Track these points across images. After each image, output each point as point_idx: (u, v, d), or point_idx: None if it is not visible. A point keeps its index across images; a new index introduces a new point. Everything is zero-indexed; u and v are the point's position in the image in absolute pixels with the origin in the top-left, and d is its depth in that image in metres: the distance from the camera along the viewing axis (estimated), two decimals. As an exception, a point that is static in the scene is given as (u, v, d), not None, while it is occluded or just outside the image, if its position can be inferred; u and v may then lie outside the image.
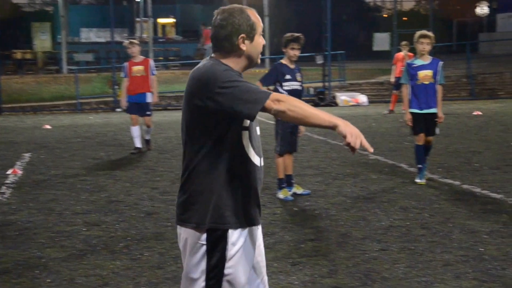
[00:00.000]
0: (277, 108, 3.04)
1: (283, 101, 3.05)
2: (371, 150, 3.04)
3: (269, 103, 3.04)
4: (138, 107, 12.40)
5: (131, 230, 7.07)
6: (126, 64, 12.52)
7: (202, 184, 3.18)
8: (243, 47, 3.20)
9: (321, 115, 3.05)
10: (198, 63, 3.35)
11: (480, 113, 18.91)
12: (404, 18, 45.32)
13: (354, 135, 2.99)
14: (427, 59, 9.10)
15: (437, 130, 9.30)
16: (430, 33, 8.98)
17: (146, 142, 12.90)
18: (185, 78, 22.25)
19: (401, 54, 19.86)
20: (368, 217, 7.44)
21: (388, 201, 8.21)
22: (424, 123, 9.13)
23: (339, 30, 35.55)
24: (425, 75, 9.04)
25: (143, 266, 5.86)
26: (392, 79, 20.28)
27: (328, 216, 7.54)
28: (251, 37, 3.21)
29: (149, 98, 12.41)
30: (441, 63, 9.16)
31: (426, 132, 9.20)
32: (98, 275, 5.63)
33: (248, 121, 3.18)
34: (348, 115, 19.65)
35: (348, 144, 2.97)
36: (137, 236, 6.86)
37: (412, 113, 9.14)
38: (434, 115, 9.10)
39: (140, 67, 12.31)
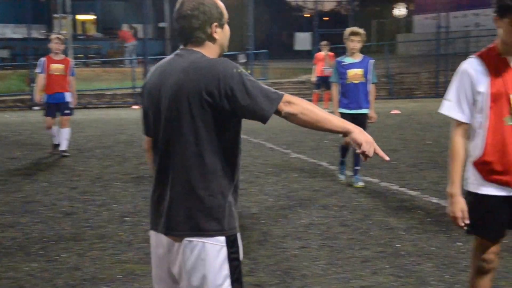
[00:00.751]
0: (288, 110, 2.90)
1: (295, 103, 2.91)
2: (387, 158, 2.98)
3: (281, 104, 2.90)
4: (57, 107, 11.98)
5: (48, 231, 6.89)
6: (43, 59, 12.04)
7: (213, 187, 2.97)
8: (216, 35, 3.05)
9: (334, 119, 2.94)
10: (113, 61, 3.23)
11: (398, 112, 19.38)
12: (325, 18, 45.99)
13: (369, 143, 2.92)
14: (358, 57, 8.80)
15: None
16: (361, 30, 8.67)
17: (54, 146, 12.10)
18: (106, 76, 21.75)
19: (321, 54, 20.20)
20: (289, 215, 7.50)
21: (309, 199, 8.29)
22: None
23: (261, 29, 35.73)
24: (355, 73, 8.72)
25: (60, 267, 5.72)
26: (313, 79, 20.58)
27: (250, 214, 7.56)
28: (221, 25, 3.07)
29: (68, 98, 12.05)
30: (372, 61, 8.86)
31: None
32: (12, 278, 5.46)
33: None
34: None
35: (363, 152, 2.91)
36: (54, 237, 6.69)
37: (340, 113, 8.68)
38: (364, 115, 8.77)
39: (60, 66, 11.90)
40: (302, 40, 28.64)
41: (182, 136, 2.96)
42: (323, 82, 20.04)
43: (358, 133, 2.92)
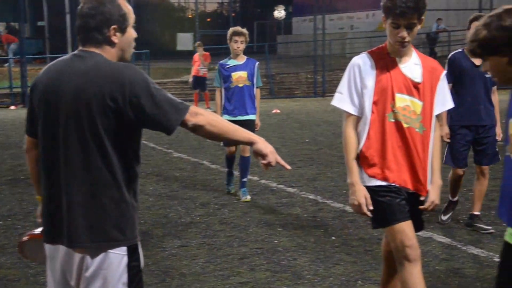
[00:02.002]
0: (196, 122, 2.85)
1: (202, 114, 2.87)
2: (288, 167, 3.04)
3: (188, 116, 2.84)
4: None
5: None
6: None
7: (115, 196, 2.88)
8: (115, 39, 2.93)
9: (239, 130, 2.95)
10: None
11: (278, 111, 19.75)
12: (208, 19, 46.12)
13: (273, 153, 2.96)
14: (242, 59, 8.16)
15: None
16: (244, 30, 8.11)
17: None
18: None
19: (197, 55, 20.33)
20: (169, 215, 7.50)
21: (190, 198, 8.33)
22: None
23: (143, 29, 35.36)
24: (239, 76, 8.09)
25: None
26: (190, 79, 20.80)
27: (129, 215, 7.49)
28: (123, 29, 2.95)
29: None
30: (257, 63, 8.27)
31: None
32: None
33: None
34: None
35: (268, 163, 2.95)
36: None
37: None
38: (251, 121, 8.08)
39: None
40: (184, 41, 28.62)
41: (82, 143, 2.84)
42: (199, 83, 20.30)
43: (262, 144, 2.95)
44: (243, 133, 2.96)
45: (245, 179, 8.23)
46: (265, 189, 8.76)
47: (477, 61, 6.27)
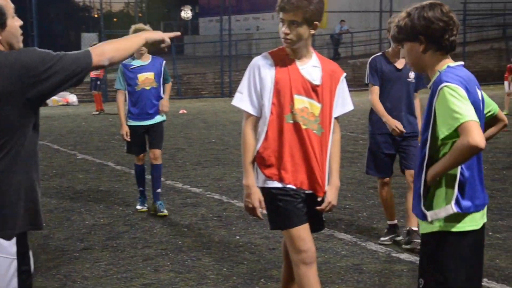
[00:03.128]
0: (105, 58, 3.03)
1: (103, 50, 3.05)
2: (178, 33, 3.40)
3: (95, 60, 3.00)
4: None
5: None
6: None
7: (11, 186, 2.91)
8: None
9: (133, 38, 3.21)
10: None
11: (185, 111, 19.71)
12: (114, 19, 45.41)
13: (164, 34, 3.25)
14: (147, 59, 7.46)
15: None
16: (147, 27, 7.12)
17: None
18: None
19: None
20: (72, 217, 7.37)
21: (94, 200, 8.20)
22: (147, 137, 7.53)
23: (47, 29, 34.46)
24: (146, 78, 7.39)
25: None
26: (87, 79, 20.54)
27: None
28: (1, 24, 2.90)
29: None
30: (163, 62, 7.58)
31: (150, 146, 7.55)
32: None
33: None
34: (58, 115, 19.19)
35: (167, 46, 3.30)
36: None
37: (130, 126, 7.41)
38: (159, 124, 7.53)
39: None
40: (89, 41, 28.06)
41: None
42: (95, 83, 20.14)
43: (151, 32, 3.27)
44: (137, 39, 3.20)
45: (159, 190, 7.53)
46: (171, 190, 8.73)
47: (399, 64, 6.03)
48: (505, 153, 11.24)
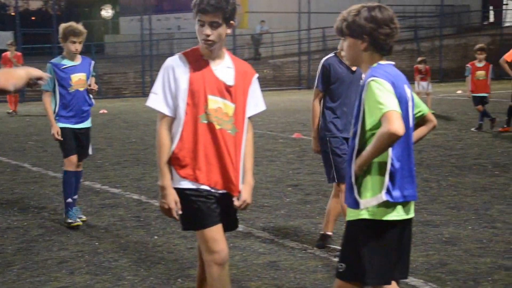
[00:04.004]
0: None
1: None
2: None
3: None
4: None
5: None
6: None
7: None
8: None
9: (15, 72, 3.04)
10: None
11: (106, 111, 19.43)
12: (32, 18, 44.31)
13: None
14: (78, 59, 6.98)
15: (91, 150, 7.29)
16: (82, 29, 6.86)
17: None
18: None
19: (7, 54, 19.41)
20: (-16, 221, 7.16)
21: (8, 203, 7.99)
22: (77, 141, 7.00)
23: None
24: (79, 79, 6.91)
25: None
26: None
27: None
28: None
29: None
30: (93, 62, 7.22)
31: (77, 153, 7.02)
32: None
33: None
34: (-32, 116, 18.60)
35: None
36: None
37: (63, 128, 6.85)
38: (89, 130, 7.13)
39: None
40: (4, 39, 27.32)
41: None
42: None
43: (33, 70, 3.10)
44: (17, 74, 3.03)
45: (76, 197, 7.11)
46: (89, 191, 8.59)
47: (353, 67, 5.54)
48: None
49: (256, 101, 4.04)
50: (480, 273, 5.31)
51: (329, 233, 6.01)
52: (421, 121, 3.63)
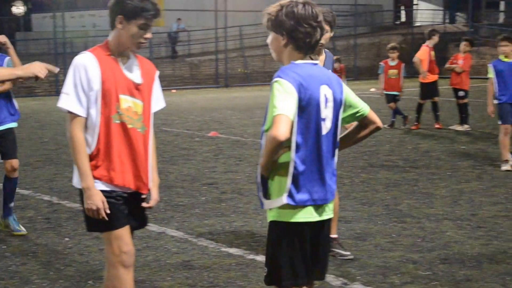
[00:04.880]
0: None
1: None
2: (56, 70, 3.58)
3: None
4: None
5: None
6: None
7: None
8: None
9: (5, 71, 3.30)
10: None
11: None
12: None
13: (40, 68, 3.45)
14: None
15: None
16: None
17: None
18: None
19: None
20: None
21: None
22: None
23: None
24: None
25: None
26: None
27: None
28: None
29: None
30: (8, 58, 6.79)
31: (4, 156, 6.74)
32: None
33: None
34: None
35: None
36: None
37: None
38: (10, 130, 6.78)
39: None
40: None
41: None
42: None
43: (26, 69, 3.42)
44: (8, 73, 3.35)
45: (12, 204, 6.70)
46: (-3, 193, 8.30)
47: (320, 63, 5.24)
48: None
49: (158, 98, 4.01)
50: (389, 267, 5.44)
51: (333, 236, 5.50)
52: (362, 121, 3.51)
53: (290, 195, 3.24)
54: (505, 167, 9.41)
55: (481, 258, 5.64)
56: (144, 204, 3.89)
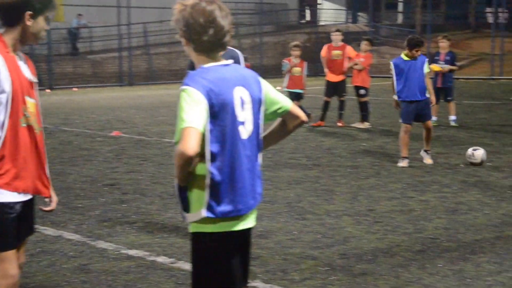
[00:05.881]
0: None
1: None
2: None
3: None
4: None
5: None
6: None
7: None
8: None
9: None
10: None
11: None
12: None
13: None
14: None
15: None
16: None
17: None
18: None
19: None
20: None
21: None
22: None
23: None
24: None
25: None
26: None
27: None
28: None
29: None
30: None
31: None
32: None
33: None
34: None
35: None
36: None
37: None
38: None
39: None
40: None
41: None
42: None
43: None
44: None
45: None
46: None
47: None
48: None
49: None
50: (289, 264, 5.48)
51: None
52: (286, 117, 3.34)
53: (210, 208, 3.06)
54: (401, 163, 9.69)
55: (377, 252, 5.78)
56: (44, 208, 3.73)
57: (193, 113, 2.95)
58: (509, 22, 35.24)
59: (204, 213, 3.06)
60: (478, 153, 9.49)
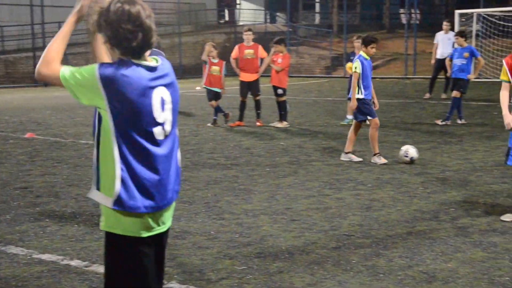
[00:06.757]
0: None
1: None
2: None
3: None
4: None
5: None
6: None
7: None
8: None
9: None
10: None
11: None
12: None
13: None
14: None
15: None
16: None
17: None
18: None
19: None
20: None
21: None
22: None
23: None
24: None
25: None
26: None
27: None
28: None
29: None
30: None
31: None
32: None
33: None
34: None
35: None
36: None
37: None
38: None
39: None
40: None
41: None
42: None
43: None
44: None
45: None
46: None
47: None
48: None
49: None
50: (206, 264, 5.46)
51: None
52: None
53: (119, 201, 3.00)
54: (381, 160, 9.80)
55: (293, 250, 5.83)
56: None
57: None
58: (421, 23, 36.34)
59: (111, 204, 3.01)
60: (412, 151, 9.74)
